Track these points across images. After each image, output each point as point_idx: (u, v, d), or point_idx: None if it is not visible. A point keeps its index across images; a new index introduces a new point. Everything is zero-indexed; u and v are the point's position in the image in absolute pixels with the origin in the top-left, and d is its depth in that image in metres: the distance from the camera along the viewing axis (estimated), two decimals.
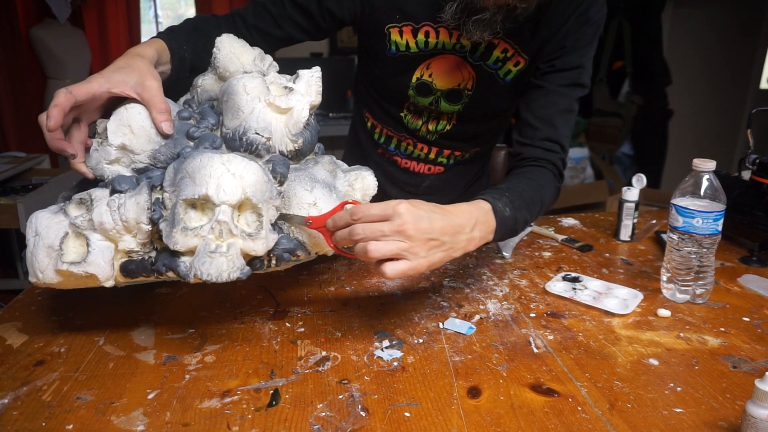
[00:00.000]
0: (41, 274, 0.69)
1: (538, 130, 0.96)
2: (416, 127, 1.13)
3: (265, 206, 0.70)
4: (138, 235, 0.69)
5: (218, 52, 0.85)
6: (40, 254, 0.68)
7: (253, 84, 0.76)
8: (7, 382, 0.68)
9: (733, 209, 1.06)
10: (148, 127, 0.75)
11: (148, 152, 0.75)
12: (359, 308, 0.87)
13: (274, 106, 0.77)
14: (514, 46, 0.98)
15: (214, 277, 0.66)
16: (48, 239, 0.68)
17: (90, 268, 0.68)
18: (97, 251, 0.68)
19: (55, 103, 0.71)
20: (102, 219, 0.68)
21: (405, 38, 1.01)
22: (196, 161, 0.68)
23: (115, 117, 0.75)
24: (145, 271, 0.70)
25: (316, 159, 0.84)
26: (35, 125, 0.76)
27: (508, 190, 0.86)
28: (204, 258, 0.66)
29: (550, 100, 0.97)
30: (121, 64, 0.79)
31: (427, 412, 0.63)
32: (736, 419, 0.62)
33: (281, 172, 0.74)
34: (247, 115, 0.75)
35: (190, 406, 0.64)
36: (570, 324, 0.83)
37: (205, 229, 0.66)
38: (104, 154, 0.74)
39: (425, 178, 1.19)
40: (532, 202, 0.88)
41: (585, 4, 0.95)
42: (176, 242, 0.66)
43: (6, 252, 2.56)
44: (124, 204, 0.68)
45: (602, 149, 3.69)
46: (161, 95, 0.77)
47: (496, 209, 0.81)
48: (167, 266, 0.69)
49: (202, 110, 0.81)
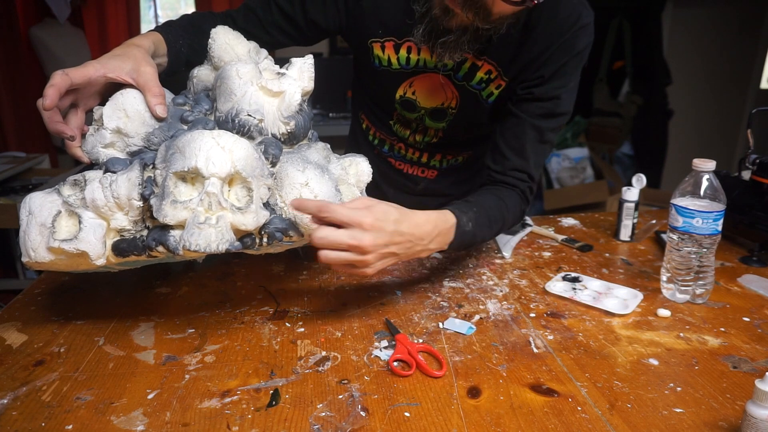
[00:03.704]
0: (33, 253, 0.69)
1: (508, 159, 0.96)
2: (405, 135, 1.13)
3: (256, 182, 0.70)
4: (129, 212, 0.70)
5: (213, 42, 0.86)
6: (33, 232, 0.69)
7: (245, 69, 0.78)
8: (7, 382, 0.68)
9: (733, 209, 1.06)
10: (143, 111, 0.76)
11: (142, 135, 0.76)
12: (359, 308, 0.86)
13: (266, 89, 0.78)
14: (498, 68, 0.96)
15: (202, 247, 0.66)
16: (41, 217, 0.69)
17: (81, 245, 0.68)
18: (89, 228, 0.69)
19: (51, 83, 0.72)
20: (94, 195, 0.69)
21: (387, 54, 1.00)
22: (186, 136, 0.69)
23: (111, 102, 0.76)
24: (136, 249, 0.71)
25: (309, 144, 0.85)
26: (35, 125, 0.76)
27: (476, 206, 0.89)
28: (193, 229, 0.66)
29: (523, 131, 0.95)
30: (117, 51, 0.80)
31: (427, 412, 0.63)
32: (736, 419, 0.62)
33: (273, 153, 0.75)
34: (240, 98, 0.76)
35: (190, 406, 0.64)
36: (570, 324, 0.83)
37: (194, 202, 0.67)
38: (99, 138, 0.76)
39: (420, 181, 1.19)
40: (495, 221, 0.91)
41: (570, 33, 0.91)
42: (165, 215, 0.66)
43: (6, 252, 2.56)
44: (116, 181, 0.69)
45: (602, 149, 3.69)
46: (156, 80, 0.78)
47: (459, 224, 0.84)
48: (157, 240, 0.69)
49: (197, 97, 0.82)
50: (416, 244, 0.78)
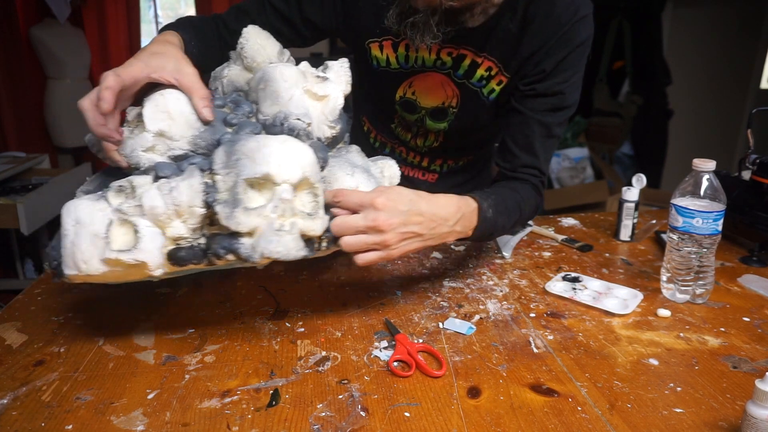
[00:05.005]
0: (85, 265, 0.64)
1: (517, 157, 0.97)
2: (406, 139, 1.13)
3: (320, 186, 0.70)
4: (189, 219, 0.67)
5: (246, 42, 0.85)
6: (84, 243, 0.64)
7: (290, 71, 0.77)
8: (7, 382, 0.68)
9: (733, 209, 1.06)
10: (188, 113, 0.73)
11: (188, 138, 0.73)
12: (359, 308, 0.86)
13: (312, 93, 0.77)
14: (498, 64, 0.96)
15: (282, 255, 0.66)
16: (92, 227, 0.64)
17: (141, 255, 0.64)
18: (148, 237, 0.65)
19: (106, 85, 0.69)
20: (154, 203, 0.65)
21: (385, 53, 1.00)
22: (251, 143, 0.68)
23: (150, 103, 0.73)
24: (197, 257, 0.68)
25: (346, 148, 0.85)
26: (35, 125, 0.75)
27: (493, 194, 0.89)
28: (271, 237, 0.65)
29: (530, 128, 0.95)
30: (155, 49, 0.78)
31: (427, 412, 0.63)
32: (736, 419, 0.62)
33: (322, 156, 0.74)
34: (287, 101, 0.75)
35: (190, 406, 0.64)
36: (570, 324, 0.83)
37: (268, 209, 0.66)
38: (140, 140, 0.72)
39: (420, 184, 1.18)
40: (512, 210, 0.91)
41: (569, 26, 0.91)
42: (239, 222, 0.65)
43: (6, 252, 2.56)
44: (177, 187, 0.66)
45: (602, 149, 3.69)
46: (200, 81, 0.75)
47: (481, 208, 0.84)
48: (227, 249, 0.67)
49: (234, 99, 0.81)
50: (440, 224, 0.78)
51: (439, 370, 0.70)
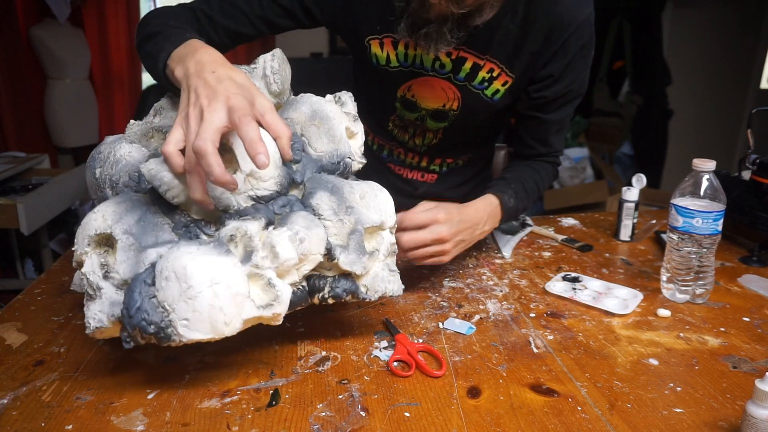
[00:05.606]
0: (226, 327, 0.61)
1: (535, 149, 1.07)
2: (404, 140, 1.13)
3: None
4: (305, 266, 0.67)
5: (277, 67, 0.81)
6: (228, 305, 0.60)
7: (335, 109, 0.81)
8: (7, 382, 0.68)
9: (733, 209, 1.06)
10: (274, 152, 0.68)
11: (276, 179, 0.70)
12: (359, 308, 0.86)
13: (350, 131, 0.81)
14: (500, 65, 0.96)
15: (396, 293, 0.75)
16: (236, 287, 0.61)
17: (280, 308, 0.63)
18: (284, 290, 0.64)
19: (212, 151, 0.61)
20: (288, 255, 0.64)
21: (386, 50, 0.99)
22: (358, 189, 0.74)
23: (240, 144, 0.66)
24: (304, 300, 0.70)
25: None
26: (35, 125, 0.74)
27: (513, 182, 1.00)
28: (388, 278, 0.75)
29: (546, 127, 1.04)
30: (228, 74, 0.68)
31: (427, 412, 0.63)
32: (736, 419, 0.62)
33: None
34: (339, 140, 0.79)
35: (190, 406, 0.64)
36: (570, 324, 0.83)
37: (382, 253, 0.74)
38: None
39: (419, 185, 1.18)
40: (532, 191, 1.02)
41: (572, 28, 0.91)
42: (365, 267, 0.72)
43: (6, 252, 2.56)
44: (308, 237, 0.66)
45: (602, 149, 3.69)
46: (279, 116, 0.68)
47: (503, 202, 0.96)
48: (347, 291, 0.72)
49: None
50: (476, 229, 0.92)
51: (439, 370, 0.70)
